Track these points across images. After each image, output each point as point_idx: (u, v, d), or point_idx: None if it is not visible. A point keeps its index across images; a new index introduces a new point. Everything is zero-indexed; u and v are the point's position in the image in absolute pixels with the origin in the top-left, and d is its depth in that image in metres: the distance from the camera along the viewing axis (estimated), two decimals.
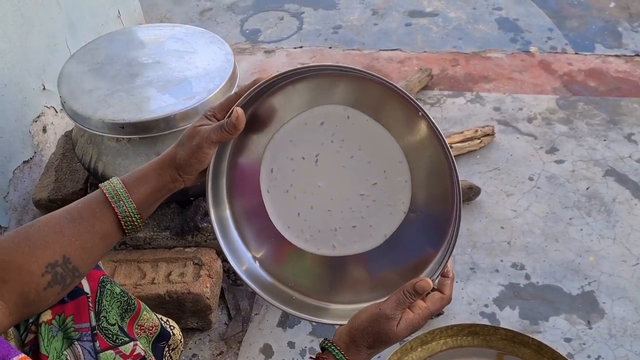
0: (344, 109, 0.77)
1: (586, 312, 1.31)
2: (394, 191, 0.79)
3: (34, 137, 1.56)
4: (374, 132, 0.77)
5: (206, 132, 0.75)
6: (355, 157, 0.79)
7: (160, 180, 0.76)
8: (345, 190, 0.80)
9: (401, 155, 0.77)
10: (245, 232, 0.85)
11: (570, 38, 2.15)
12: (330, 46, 2.22)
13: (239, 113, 0.74)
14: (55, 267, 0.70)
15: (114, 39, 1.24)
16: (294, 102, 0.79)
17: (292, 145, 0.80)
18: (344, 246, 0.82)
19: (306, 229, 0.82)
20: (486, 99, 1.89)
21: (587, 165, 1.65)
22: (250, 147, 0.82)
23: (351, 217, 0.81)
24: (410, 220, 0.79)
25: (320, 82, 0.77)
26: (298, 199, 0.81)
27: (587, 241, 1.45)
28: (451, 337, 1.15)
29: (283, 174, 0.81)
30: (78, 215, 0.73)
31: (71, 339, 0.77)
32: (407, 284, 0.73)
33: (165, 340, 0.96)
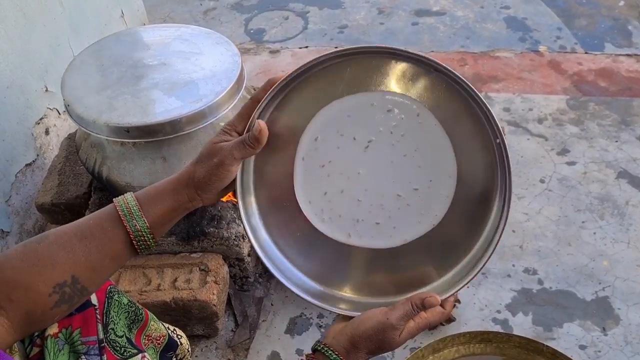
0: (418, 106, 0.74)
1: (601, 318, 1.28)
2: (432, 202, 0.76)
3: (36, 140, 1.54)
4: (438, 139, 0.74)
5: (228, 149, 0.71)
6: (408, 156, 0.75)
7: (177, 200, 0.72)
8: (383, 186, 0.77)
9: (454, 172, 0.75)
10: (278, 239, 0.81)
11: (579, 37, 2.12)
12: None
13: (261, 126, 0.71)
14: (64, 287, 0.68)
15: (118, 40, 1.21)
16: (361, 81, 0.75)
17: (349, 120, 0.76)
18: (360, 238, 0.79)
19: (327, 210, 0.79)
20: (495, 100, 1.86)
21: (599, 167, 1.62)
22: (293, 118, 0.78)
23: (378, 213, 0.78)
24: (433, 234, 0.77)
25: (406, 69, 0.73)
26: (331, 177, 0.77)
27: (601, 245, 1.43)
28: (463, 344, 1.12)
29: (326, 147, 0.77)
30: (89, 233, 0.70)
31: (78, 353, 0.74)
32: (415, 298, 0.73)
33: (172, 350, 0.94)
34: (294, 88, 0.75)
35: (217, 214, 1.24)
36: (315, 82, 0.74)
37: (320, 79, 0.74)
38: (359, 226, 0.79)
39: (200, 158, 0.73)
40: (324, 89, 0.75)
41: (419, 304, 0.72)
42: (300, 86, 0.74)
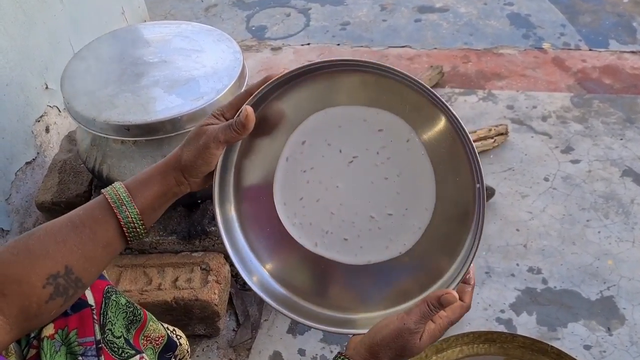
0: (409, 133, 0.73)
1: (606, 318, 1.27)
2: (403, 231, 0.75)
3: (36, 138, 1.53)
4: (422, 169, 0.73)
5: (214, 131, 0.71)
6: (389, 180, 0.74)
7: (165, 184, 0.72)
8: (358, 204, 0.76)
9: (431, 205, 0.73)
10: (251, 235, 0.80)
11: (583, 34, 2.10)
12: (338, 43, 2.17)
13: (248, 112, 0.70)
14: (57, 279, 0.67)
15: (118, 37, 1.20)
16: (359, 94, 0.74)
17: (339, 131, 0.75)
18: (326, 249, 0.78)
19: (299, 215, 0.78)
20: (499, 97, 1.84)
21: (603, 165, 1.61)
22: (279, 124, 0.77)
23: (348, 229, 0.77)
24: (400, 258, 0.76)
25: (410, 96, 0.72)
26: (310, 184, 0.77)
27: (605, 244, 1.41)
28: (467, 344, 1.11)
29: (311, 153, 0.76)
30: (80, 222, 0.69)
31: (75, 354, 0.73)
32: (431, 296, 0.69)
33: (172, 351, 0.93)
34: (292, 86, 0.74)
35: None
36: (314, 85, 0.74)
37: (319, 82, 0.73)
38: (326, 238, 0.78)
39: (187, 141, 0.72)
40: (322, 94, 0.74)
41: (435, 302, 0.68)
42: (298, 86, 0.74)
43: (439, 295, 0.68)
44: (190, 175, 0.72)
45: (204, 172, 0.73)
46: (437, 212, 0.74)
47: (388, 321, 0.70)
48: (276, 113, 0.76)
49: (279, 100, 0.75)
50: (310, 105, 0.75)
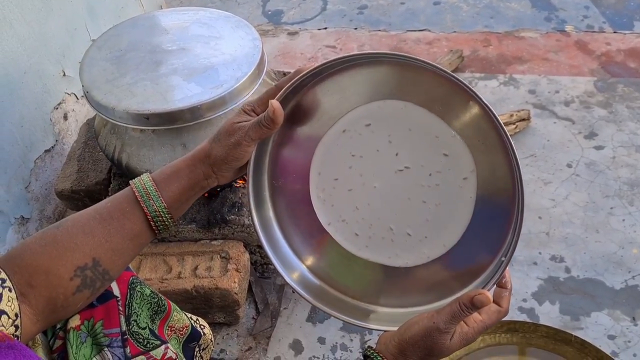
0: (472, 171, 0.70)
1: (631, 307, 1.25)
2: (411, 252, 0.75)
3: (55, 125, 1.53)
4: (461, 212, 0.72)
5: (245, 128, 0.70)
6: (425, 204, 0.73)
7: (193, 177, 0.71)
8: (384, 211, 0.75)
9: (450, 245, 0.73)
10: (289, 232, 0.80)
11: (607, 16, 2.05)
12: (355, 27, 2.14)
13: (275, 107, 0.68)
14: (85, 271, 0.67)
15: (136, 24, 1.19)
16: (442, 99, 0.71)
17: (406, 134, 0.72)
18: (336, 232, 0.78)
19: (327, 192, 0.77)
20: (520, 82, 1.81)
21: (628, 151, 1.57)
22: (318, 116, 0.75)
23: (364, 228, 0.77)
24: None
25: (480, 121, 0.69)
26: (351, 170, 0.75)
27: (630, 232, 1.39)
28: (489, 334, 1.10)
29: (369, 140, 0.74)
30: (108, 215, 0.69)
31: (101, 345, 0.73)
32: (464, 297, 0.66)
33: (196, 340, 0.93)
34: (330, 75, 0.72)
35: (238, 201, 1.22)
36: (352, 76, 0.72)
37: (357, 73, 0.72)
38: (340, 224, 0.78)
39: (218, 136, 0.71)
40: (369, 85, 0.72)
41: (467, 303, 0.65)
42: (338, 74, 0.72)
43: (471, 295, 0.65)
44: (219, 170, 0.71)
45: (234, 167, 0.72)
46: (454, 247, 0.73)
47: (418, 319, 0.69)
48: (312, 102, 0.74)
49: (315, 89, 0.73)
50: (365, 91, 0.73)
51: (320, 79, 0.72)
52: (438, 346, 0.66)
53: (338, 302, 0.80)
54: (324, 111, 0.74)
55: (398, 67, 0.70)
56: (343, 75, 0.72)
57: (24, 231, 1.40)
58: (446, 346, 0.66)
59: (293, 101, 0.73)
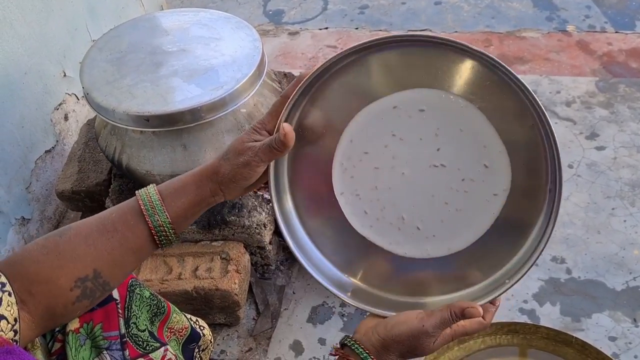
0: (506, 189, 0.71)
1: (632, 309, 1.24)
2: (416, 244, 0.75)
3: (55, 126, 1.53)
4: (479, 224, 0.73)
5: (255, 150, 0.69)
6: (446, 206, 0.73)
7: (199, 194, 0.70)
8: (404, 199, 0.74)
9: (456, 250, 0.74)
10: (300, 198, 0.79)
11: (609, 16, 2.04)
12: (356, 27, 2.14)
13: (286, 130, 0.68)
14: (86, 282, 0.66)
15: (136, 25, 1.19)
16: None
17: (448, 131, 0.71)
18: (350, 207, 0.77)
19: (351, 189, 0.76)
20: None
21: (629, 151, 1.57)
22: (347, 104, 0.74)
23: (390, 217, 0.76)
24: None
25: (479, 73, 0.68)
26: (385, 151, 0.74)
27: (631, 233, 1.38)
28: (489, 335, 1.10)
29: (409, 124, 0.73)
30: (112, 226, 0.68)
31: (100, 348, 0.74)
32: (455, 306, 0.69)
33: (195, 341, 0.93)
34: (335, 74, 0.71)
35: (238, 202, 1.22)
36: (358, 69, 0.71)
37: (364, 66, 0.71)
38: (402, 228, 0.77)
39: (227, 155, 0.70)
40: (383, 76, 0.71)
41: (458, 313, 0.68)
42: (342, 72, 0.71)
43: (464, 307, 0.68)
44: (226, 188, 0.71)
45: (242, 187, 0.71)
46: (455, 253, 0.74)
47: (406, 318, 0.70)
48: (321, 107, 0.73)
49: (321, 92, 0.72)
50: (381, 84, 0.72)
51: (327, 77, 0.71)
52: (422, 347, 0.69)
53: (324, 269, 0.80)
54: (344, 106, 0.73)
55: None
56: (356, 67, 0.71)
57: (25, 232, 1.41)
58: (429, 347, 0.69)
59: (303, 109, 0.72)
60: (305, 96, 0.72)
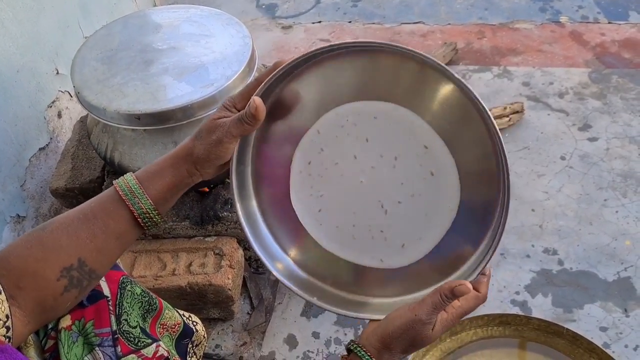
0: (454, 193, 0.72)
1: (623, 299, 1.25)
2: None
3: (49, 123, 1.53)
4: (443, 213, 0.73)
5: (226, 125, 0.70)
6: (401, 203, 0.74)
7: (177, 175, 0.72)
8: (374, 200, 0.75)
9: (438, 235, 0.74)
10: (272, 223, 0.81)
11: (602, 6, 2.04)
12: (349, 20, 2.13)
13: (256, 103, 0.68)
14: (71, 271, 0.68)
15: (127, 23, 1.19)
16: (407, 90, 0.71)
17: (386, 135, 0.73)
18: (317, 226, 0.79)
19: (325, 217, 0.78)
20: (514, 74, 1.81)
21: (622, 142, 1.57)
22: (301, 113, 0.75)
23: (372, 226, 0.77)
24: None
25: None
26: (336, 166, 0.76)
27: (623, 224, 1.39)
28: (481, 327, 1.11)
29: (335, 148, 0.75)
30: (92, 215, 0.70)
31: (92, 345, 0.74)
32: (444, 287, 0.67)
33: (188, 337, 0.94)
34: (308, 68, 0.71)
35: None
36: (333, 66, 0.71)
37: (337, 63, 0.71)
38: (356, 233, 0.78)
39: (199, 134, 0.71)
40: (358, 76, 0.72)
41: (448, 294, 0.67)
42: (315, 67, 0.71)
43: (452, 286, 0.67)
44: (202, 167, 0.72)
45: (217, 164, 0.72)
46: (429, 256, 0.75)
47: (400, 312, 0.70)
48: (293, 95, 0.74)
49: (295, 82, 0.73)
50: (345, 86, 0.73)
51: (303, 68, 0.72)
52: (421, 337, 0.68)
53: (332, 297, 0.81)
54: (313, 102, 0.74)
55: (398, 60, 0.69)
56: (332, 65, 0.71)
57: (20, 229, 1.41)
58: (429, 336, 0.69)
59: (275, 94, 0.73)
60: (278, 84, 0.72)
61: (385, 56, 0.68)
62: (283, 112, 0.75)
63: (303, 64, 0.71)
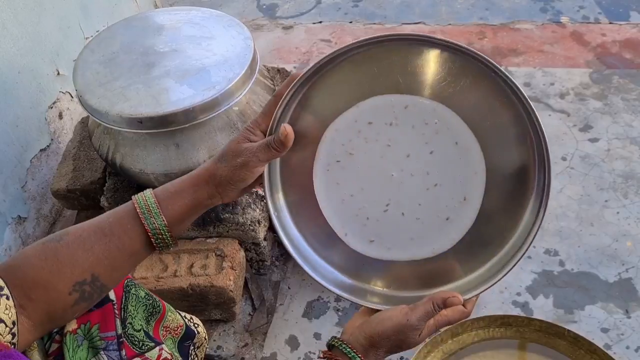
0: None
1: (624, 300, 1.26)
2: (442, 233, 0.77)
3: (50, 124, 1.53)
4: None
5: (252, 150, 0.69)
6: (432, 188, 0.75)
7: (197, 197, 0.71)
8: (378, 195, 0.76)
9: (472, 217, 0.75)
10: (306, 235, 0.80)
11: (603, 6, 2.04)
12: (350, 20, 2.13)
13: (287, 131, 0.69)
14: (84, 286, 0.67)
15: (129, 25, 1.18)
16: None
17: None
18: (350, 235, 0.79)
19: (336, 197, 0.77)
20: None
21: (623, 143, 1.58)
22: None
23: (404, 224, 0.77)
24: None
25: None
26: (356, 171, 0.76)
27: (624, 225, 1.39)
28: (483, 328, 1.11)
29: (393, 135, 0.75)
30: (109, 231, 0.69)
31: (97, 349, 0.75)
32: (437, 297, 0.72)
33: (190, 339, 0.94)
34: (323, 75, 0.72)
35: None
36: (348, 69, 0.72)
37: (356, 65, 0.72)
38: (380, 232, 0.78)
39: (223, 157, 0.71)
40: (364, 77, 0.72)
41: (440, 304, 0.71)
42: (332, 72, 0.71)
43: (445, 297, 0.71)
44: (224, 190, 0.71)
45: (240, 188, 0.72)
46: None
47: (391, 314, 0.72)
48: (312, 105, 0.74)
49: (314, 89, 0.73)
50: (355, 91, 0.73)
51: (320, 75, 0.72)
52: (408, 340, 0.71)
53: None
54: (331, 106, 0.74)
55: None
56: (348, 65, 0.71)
57: (22, 231, 1.41)
58: (415, 340, 0.71)
59: (294, 108, 0.73)
60: (297, 95, 0.72)
61: (410, 46, 0.69)
62: (306, 125, 0.75)
63: (318, 73, 0.71)
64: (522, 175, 0.72)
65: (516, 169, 0.72)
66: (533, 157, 0.71)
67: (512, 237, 0.74)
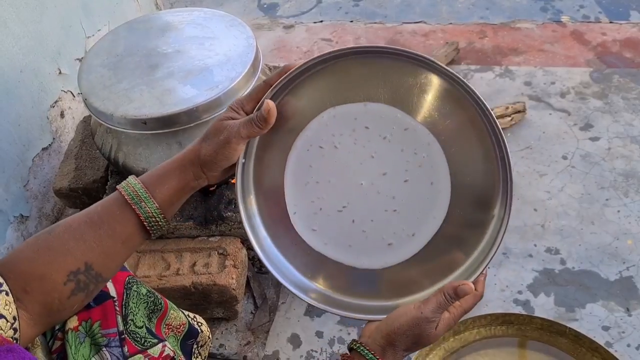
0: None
1: (625, 298, 1.26)
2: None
3: (52, 123, 1.53)
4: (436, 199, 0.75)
5: (235, 126, 0.70)
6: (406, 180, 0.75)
7: (183, 179, 0.72)
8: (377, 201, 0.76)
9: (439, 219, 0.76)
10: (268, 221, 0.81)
11: (603, 6, 2.04)
12: (351, 20, 2.14)
13: (270, 106, 0.69)
14: (78, 275, 0.68)
15: (132, 27, 1.19)
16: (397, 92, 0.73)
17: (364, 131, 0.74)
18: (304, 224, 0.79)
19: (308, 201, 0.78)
20: (516, 73, 1.81)
21: (623, 142, 1.58)
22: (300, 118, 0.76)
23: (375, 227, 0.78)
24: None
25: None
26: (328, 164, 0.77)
27: (625, 223, 1.40)
28: (484, 326, 1.11)
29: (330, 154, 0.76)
30: (98, 219, 0.70)
31: (99, 345, 0.75)
32: (447, 287, 0.71)
33: (193, 337, 0.94)
34: (311, 76, 0.72)
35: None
36: (334, 74, 0.72)
37: (341, 70, 0.72)
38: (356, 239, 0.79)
39: (207, 135, 0.72)
40: (346, 84, 0.73)
41: (451, 293, 0.70)
42: (318, 74, 0.72)
43: (455, 286, 0.70)
44: (209, 170, 0.72)
45: (224, 167, 0.72)
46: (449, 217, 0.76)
47: (405, 310, 0.72)
48: (295, 103, 0.75)
49: (298, 90, 0.73)
50: (335, 94, 0.74)
51: (312, 72, 0.72)
52: (426, 334, 0.70)
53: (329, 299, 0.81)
54: (310, 107, 0.75)
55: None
56: (341, 67, 0.72)
57: (24, 229, 1.42)
58: (433, 334, 0.70)
59: (282, 97, 0.73)
60: (285, 88, 0.73)
61: (388, 59, 0.70)
62: (288, 115, 0.75)
63: (312, 69, 0.71)
64: (478, 228, 0.73)
65: (474, 223, 0.74)
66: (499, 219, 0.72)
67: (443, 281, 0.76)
